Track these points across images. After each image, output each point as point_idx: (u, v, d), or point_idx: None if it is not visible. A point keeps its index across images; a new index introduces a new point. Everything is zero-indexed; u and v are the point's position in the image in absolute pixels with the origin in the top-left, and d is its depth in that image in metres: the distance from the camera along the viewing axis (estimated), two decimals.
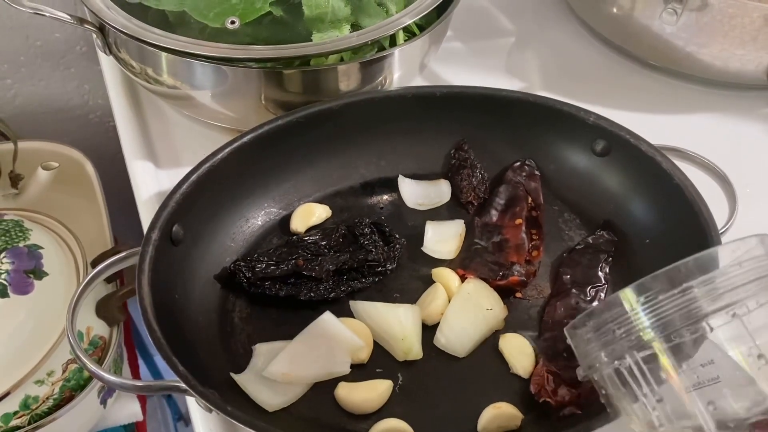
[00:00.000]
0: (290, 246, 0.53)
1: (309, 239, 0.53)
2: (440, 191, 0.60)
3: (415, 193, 0.60)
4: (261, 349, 0.47)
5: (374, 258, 0.52)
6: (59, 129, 1.00)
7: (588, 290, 0.52)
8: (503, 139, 0.61)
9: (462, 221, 0.58)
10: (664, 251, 0.54)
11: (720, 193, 0.57)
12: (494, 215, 0.58)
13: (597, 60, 0.79)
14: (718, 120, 0.72)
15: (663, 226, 0.55)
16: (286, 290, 0.51)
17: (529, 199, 0.58)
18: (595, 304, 0.52)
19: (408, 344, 0.48)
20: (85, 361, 0.42)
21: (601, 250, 0.55)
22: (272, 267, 0.51)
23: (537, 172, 0.60)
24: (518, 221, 0.57)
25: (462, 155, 0.61)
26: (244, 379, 0.46)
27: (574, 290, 0.52)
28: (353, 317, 0.50)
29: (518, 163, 0.60)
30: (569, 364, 0.46)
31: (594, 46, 0.80)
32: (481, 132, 0.62)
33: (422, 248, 0.56)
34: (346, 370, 0.46)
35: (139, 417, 0.80)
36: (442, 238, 0.56)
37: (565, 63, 0.79)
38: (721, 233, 0.51)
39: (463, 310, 0.50)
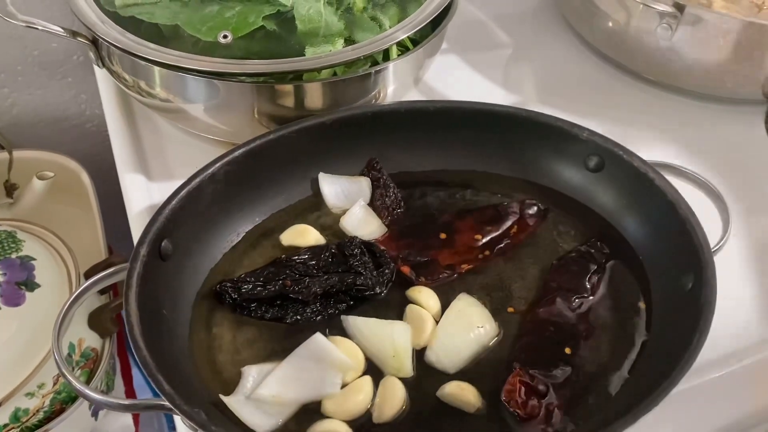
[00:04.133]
0: (278, 266, 0.52)
1: (297, 259, 0.52)
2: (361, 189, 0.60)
3: (335, 192, 0.59)
4: (250, 371, 0.47)
5: (363, 283, 0.51)
6: (56, 138, 1.00)
7: (573, 299, 0.52)
8: (497, 153, 0.61)
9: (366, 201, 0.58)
10: (657, 269, 0.54)
11: (714, 209, 0.57)
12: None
13: (592, 74, 0.78)
14: (712, 135, 0.71)
15: (656, 243, 0.55)
16: (272, 313, 0.50)
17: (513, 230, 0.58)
18: (579, 312, 0.51)
19: (399, 362, 0.48)
20: (71, 379, 0.42)
21: (591, 260, 0.55)
22: (259, 288, 0.50)
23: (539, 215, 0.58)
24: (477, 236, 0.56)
25: (375, 175, 0.60)
26: (234, 402, 0.45)
27: (558, 297, 0.52)
28: (343, 335, 0.49)
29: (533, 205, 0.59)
30: (544, 373, 0.46)
31: (590, 59, 0.80)
32: (475, 146, 0.61)
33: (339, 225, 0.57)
34: (337, 390, 0.46)
35: (131, 429, 0.79)
36: (363, 222, 0.57)
37: (561, 76, 0.79)
38: (714, 251, 0.51)
39: (455, 328, 0.50)
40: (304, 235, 0.56)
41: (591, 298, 0.53)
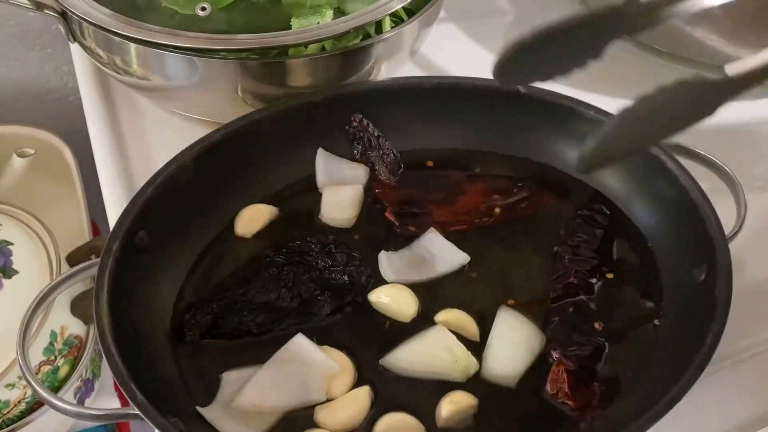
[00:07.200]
0: (245, 285, 0.48)
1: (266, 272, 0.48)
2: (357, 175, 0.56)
3: (329, 174, 0.56)
4: (229, 378, 0.43)
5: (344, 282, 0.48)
6: (37, 113, 0.96)
7: (588, 269, 0.50)
8: (498, 133, 0.58)
9: (360, 185, 0.55)
10: (667, 258, 0.51)
11: (727, 194, 0.53)
12: None
13: None
14: (727, 113, 0.67)
15: (666, 230, 0.52)
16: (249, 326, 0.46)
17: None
18: (593, 281, 0.49)
19: (464, 362, 0.45)
20: (37, 388, 0.39)
21: (596, 225, 0.53)
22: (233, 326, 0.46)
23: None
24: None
25: (364, 135, 0.56)
26: (212, 412, 0.42)
27: (574, 270, 0.50)
28: (327, 344, 0.46)
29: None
30: (581, 354, 0.44)
31: None
32: (475, 125, 0.58)
33: (319, 216, 0.53)
34: (322, 398, 0.43)
35: None
36: (340, 206, 0.53)
37: None
38: (729, 239, 0.48)
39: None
40: (258, 217, 0.53)
41: (604, 266, 0.51)
